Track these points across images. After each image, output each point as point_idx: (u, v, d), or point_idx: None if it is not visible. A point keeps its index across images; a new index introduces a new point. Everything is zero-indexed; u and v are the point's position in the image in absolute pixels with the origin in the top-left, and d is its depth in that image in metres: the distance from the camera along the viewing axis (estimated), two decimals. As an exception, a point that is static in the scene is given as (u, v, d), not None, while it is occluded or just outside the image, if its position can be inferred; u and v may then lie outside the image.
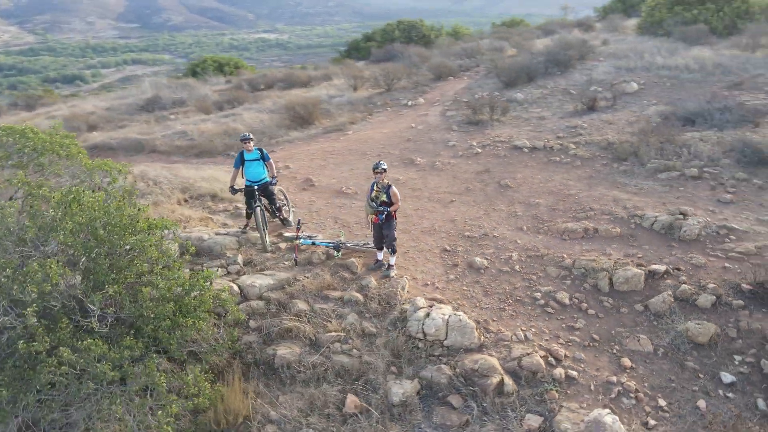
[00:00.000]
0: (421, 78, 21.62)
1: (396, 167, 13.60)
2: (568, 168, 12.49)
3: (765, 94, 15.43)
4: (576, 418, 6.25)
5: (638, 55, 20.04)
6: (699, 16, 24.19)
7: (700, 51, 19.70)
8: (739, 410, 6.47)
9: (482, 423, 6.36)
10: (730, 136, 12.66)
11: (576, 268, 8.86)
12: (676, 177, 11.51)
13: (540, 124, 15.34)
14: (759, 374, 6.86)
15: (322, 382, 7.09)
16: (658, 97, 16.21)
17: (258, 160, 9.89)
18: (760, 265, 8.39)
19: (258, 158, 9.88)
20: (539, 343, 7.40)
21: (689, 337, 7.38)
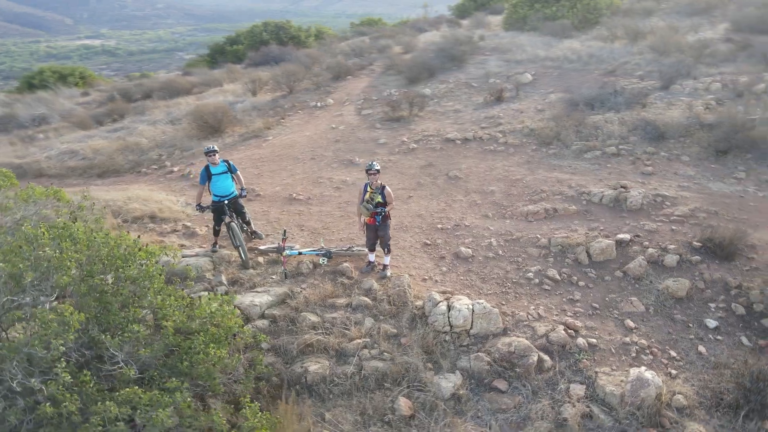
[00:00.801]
0: (322, 79, 21.44)
1: (336, 168, 13.47)
2: (504, 155, 13.32)
3: (637, 78, 17.68)
4: (615, 380, 6.83)
5: (520, 49, 21.82)
6: (558, 13, 26.91)
7: (571, 43, 21.98)
8: (730, 349, 7.53)
9: (534, 401, 6.68)
10: (628, 117, 14.39)
11: (553, 246, 9.56)
12: (599, 156, 12.83)
13: (458, 117, 16.10)
14: (734, 316, 8.01)
15: (362, 390, 6.94)
16: (553, 86, 17.83)
17: (226, 173, 9.27)
18: (699, 224, 9.75)
19: (225, 171, 9.26)
20: (553, 319, 7.92)
21: (670, 293, 8.37)
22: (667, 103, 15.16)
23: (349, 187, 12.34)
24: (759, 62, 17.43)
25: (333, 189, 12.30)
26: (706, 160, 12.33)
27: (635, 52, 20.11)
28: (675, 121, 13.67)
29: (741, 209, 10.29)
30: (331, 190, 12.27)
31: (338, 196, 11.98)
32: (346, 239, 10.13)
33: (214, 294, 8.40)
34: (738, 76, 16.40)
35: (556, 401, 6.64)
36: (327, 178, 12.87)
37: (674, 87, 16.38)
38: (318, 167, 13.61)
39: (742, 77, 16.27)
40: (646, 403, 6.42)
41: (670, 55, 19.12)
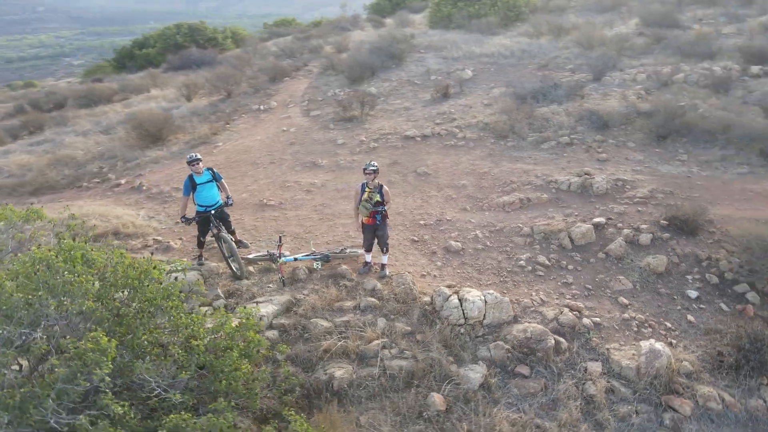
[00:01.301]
0: (259, 81, 20.88)
1: (300, 172, 13.23)
2: (466, 150, 13.67)
3: (569, 71, 18.75)
4: (627, 355, 7.27)
5: (455, 46, 22.41)
6: (480, 11, 27.90)
7: (500, 40, 22.89)
8: (713, 315, 8.24)
9: (558, 382, 6.96)
10: (572, 108, 15.25)
11: (536, 233, 9.97)
12: (555, 146, 13.51)
13: (410, 114, 16.31)
14: (710, 286, 8.76)
15: (391, 391, 6.92)
16: (493, 81, 18.50)
17: (211, 182, 8.86)
18: (660, 204, 10.56)
19: (210, 179, 8.85)
20: (555, 302, 8.28)
21: (651, 269, 9.01)
22: (602, 94, 16.21)
23: (320, 189, 12.16)
24: (673, 54, 19.05)
25: (304, 192, 12.07)
26: (649, 145, 13.32)
27: (561, 47, 21.30)
28: (615, 110, 14.66)
29: (691, 188, 11.24)
30: (301, 193, 12.03)
31: (311, 199, 11.77)
32: (333, 242, 9.99)
33: (214, 308, 8.10)
34: (658, 67, 17.84)
35: (578, 380, 6.97)
36: (294, 182, 12.60)
37: (605, 78, 17.53)
38: (281, 171, 13.29)
39: (662, 68, 17.71)
40: (660, 373, 6.89)
41: (594, 49, 20.42)
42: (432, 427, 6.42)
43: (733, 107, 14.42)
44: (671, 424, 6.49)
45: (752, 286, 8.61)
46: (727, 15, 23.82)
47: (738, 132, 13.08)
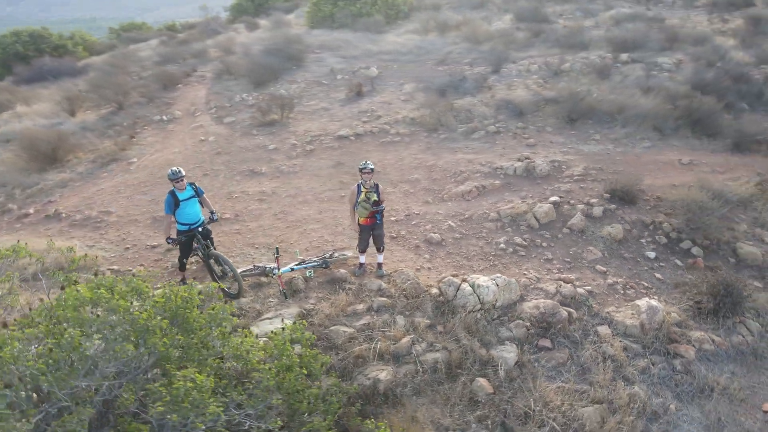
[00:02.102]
0: (151, 90, 19.28)
1: (242, 181, 12.58)
2: (403, 145, 13.94)
3: (467, 65, 19.87)
4: (627, 314, 8.08)
5: (350, 45, 22.58)
6: (362, 9, 28.34)
7: (391, 38, 23.51)
8: (673, 270, 9.42)
9: (580, 349, 7.55)
10: (485, 99, 16.25)
11: (504, 217, 10.57)
12: (484, 135, 14.31)
13: (331, 115, 16.20)
14: (661, 246, 9.97)
15: (435, 384, 7.02)
16: (401, 78, 18.98)
17: (193, 198, 8.18)
18: (596, 180, 11.74)
19: (193, 195, 8.17)
20: (548, 277, 8.89)
21: (612, 238, 10.02)
22: (506, 84, 17.45)
23: (272, 197, 11.69)
24: (553, 46, 21.04)
25: (256, 202, 11.52)
26: (563, 128, 14.66)
27: (451, 43, 22.46)
28: (525, 99, 15.89)
29: (614, 163, 12.62)
30: (254, 203, 11.47)
31: (267, 208, 11.28)
32: (312, 248, 9.72)
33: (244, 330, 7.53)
34: (545, 58, 19.59)
35: (596, 344, 7.59)
36: (240, 192, 11.96)
37: (503, 70, 18.86)
38: (220, 183, 12.52)
39: (548, 59, 19.49)
40: (660, 326, 7.77)
41: (482, 43, 21.84)
42: (490, 410, 6.61)
43: (618, 91, 16.36)
44: (682, 368, 7.37)
45: (694, 241, 9.97)
46: (581, 10, 26.79)
47: (631, 112, 14.90)
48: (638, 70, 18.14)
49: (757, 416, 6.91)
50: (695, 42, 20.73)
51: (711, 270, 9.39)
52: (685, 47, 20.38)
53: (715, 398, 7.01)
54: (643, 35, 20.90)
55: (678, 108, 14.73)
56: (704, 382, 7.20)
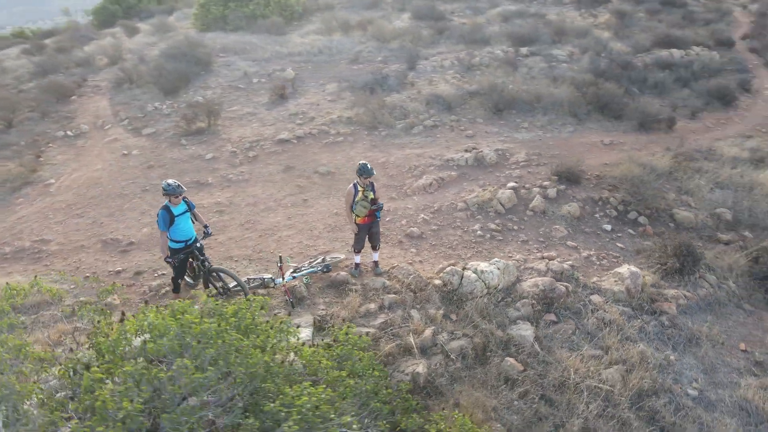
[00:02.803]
0: (43, 104, 17.26)
1: (189, 194, 11.79)
2: (348, 145, 13.90)
3: (380, 63, 20.18)
4: (611, 283, 8.87)
5: (256, 48, 21.89)
6: (256, 11, 27.53)
7: (298, 39, 23.17)
8: (630, 238, 10.45)
9: (582, 318, 8.17)
10: (412, 95, 16.68)
11: (471, 206, 11.02)
12: (423, 129, 14.71)
13: (260, 119, 15.68)
14: (613, 219, 11.00)
15: (466, 369, 7.24)
16: (320, 78, 18.80)
17: (187, 212, 7.62)
18: (540, 164, 12.63)
19: (186, 210, 7.61)
20: (531, 257, 9.46)
21: (571, 215, 10.88)
22: (427, 80, 18.04)
23: (231, 207, 11.14)
24: (458, 42, 22.06)
25: (216, 214, 10.90)
26: (492, 118, 15.52)
27: (359, 42, 22.65)
28: (450, 93, 16.56)
29: (548, 148, 13.63)
30: (213, 215, 10.84)
31: (230, 219, 10.73)
32: (296, 255, 9.45)
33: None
34: (454, 54, 20.50)
35: (594, 312, 8.25)
36: (197, 206, 11.20)
37: (418, 67, 19.43)
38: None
39: (457, 54, 20.42)
40: (643, 289, 8.63)
41: (389, 42, 22.30)
42: (529, 385, 6.95)
43: (529, 82, 17.63)
44: (669, 323, 8.26)
45: (638, 212, 11.12)
46: (470, 8, 28.29)
47: (547, 100, 16.15)
48: (540, 62, 19.63)
49: (738, 355, 7.96)
50: (578, 35, 22.85)
51: (658, 235, 10.56)
52: (571, 40, 22.38)
53: (702, 345, 7.96)
54: (534, 30, 22.62)
55: (587, 95, 16.21)
56: (690, 333, 8.14)
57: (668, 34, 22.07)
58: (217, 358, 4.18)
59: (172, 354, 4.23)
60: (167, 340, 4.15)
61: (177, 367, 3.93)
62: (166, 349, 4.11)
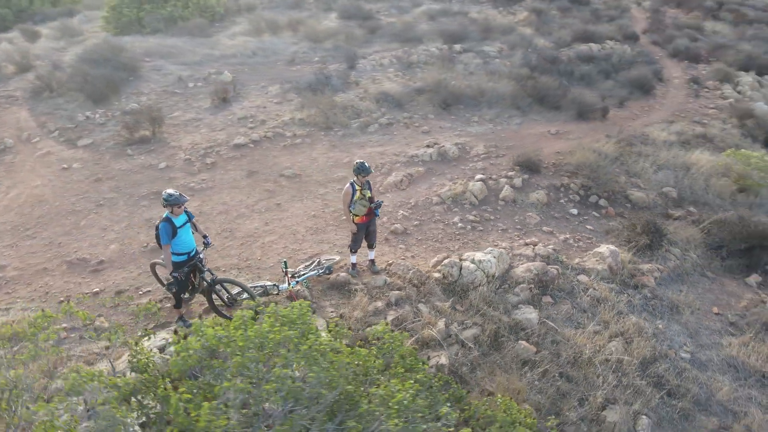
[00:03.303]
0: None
1: (149, 207, 11.12)
2: (307, 146, 13.67)
3: (318, 63, 20.02)
4: (593, 261, 9.42)
5: (184, 51, 20.91)
6: (174, 12, 26.29)
7: (227, 40, 22.41)
8: (596, 220, 11.13)
9: (576, 298, 8.63)
10: (361, 94, 16.72)
11: (446, 199, 11.25)
12: (379, 127, 14.78)
13: (207, 124, 15.04)
14: (577, 203, 11.66)
15: (484, 356, 7.45)
16: (260, 80, 18.30)
17: (187, 223, 7.21)
18: (499, 155, 13.13)
19: (187, 220, 7.20)
20: (515, 244, 9.84)
21: (540, 202, 11.40)
22: (371, 79, 18.14)
23: (201, 217, 10.61)
24: (391, 41, 22.32)
25: (186, 224, 10.35)
26: (442, 114, 15.89)
27: (291, 42, 22.31)
28: (398, 91, 16.76)
29: (502, 140, 14.19)
30: (184, 226, 10.30)
31: (205, 228, 10.11)
32: (290, 259, 9.22)
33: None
34: (390, 53, 20.74)
35: (586, 291, 8.74)
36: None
37: (358, 66, 19.46)
38: (124, 212, 10.91)
39: (394, 53, 20.68)
40: (623, 265, 9.25)
41: (323, 41, 22.14)
42: (547, 364, 7.25)
43: (469, 77, 18.22)
44: (650, 294, 8.92)
45: (598, 195, 11.86)
46: (395, 7, 28.68)
47: (490, 95, 16.79)
48: (474, 59, 20.33)
49: (714, 319, 8.74)
50: (504, 32, 23.89)
51: (620, 216, 11.34)
52: (498, 37, 23.36)
53: (683, 313, 8.66)
54: (463, 28, 23.37)
55: (527, 88, 17.00)
56: (670, 302, 8.83)
57: (586, 29, 23.61)
58: (307, 365, 4.04)
59: (254, 365, 4.04)
60: (252, 353, 3.94)
61: (277, 378, 3.75)
62: (249, 361, 3.91)
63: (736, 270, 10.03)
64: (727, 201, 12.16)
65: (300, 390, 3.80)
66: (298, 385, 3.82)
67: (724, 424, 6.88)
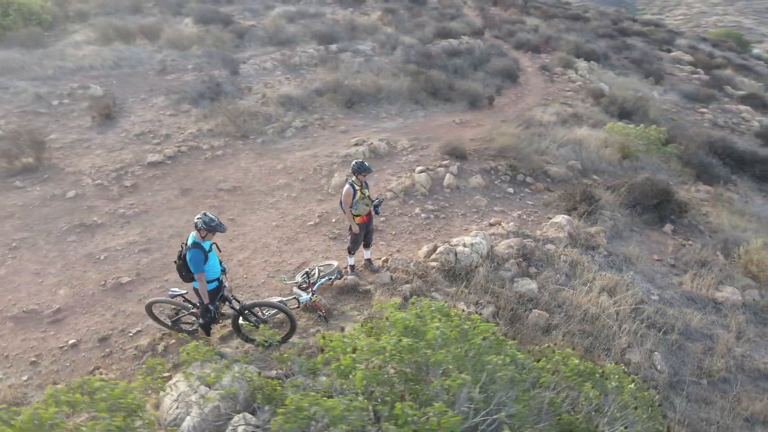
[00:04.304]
0: None
1: (82, 240, 9.66)
2: (231, 157, 12.85)
3: (193, 71, 18.77)
4: (552, 231, 10.43)
5: (27, 65, 18.04)
6: None
7: (74, 51, 19.84)
8: (531, 195, 12.25)
9: (554, 265, 9.53)
10: (260, 99, 16.13)
11: (398, 193, 11.51)
12: (296, 131, 14.44)
13: (99, 144, 13.29)
14: (509, 182, 12.68)
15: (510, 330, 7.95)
16: (137, 92, 16.60)
17: (212, 246, 6.51)
18: (427, 146, 13.73)
19: (212, 243, 6.50)
20: (482, 225, 10.48)
21: (480, 185, 12.22)
22: (264, 83, 17.56)
23: (152, 243, 9.52)
24: (264, 44, 21.71)
25: (138, 254, 9.22)
26: (349, 112, 16.05)
27: (155, 50, 20.53)
28: (298, 93, 16.49)
29: (417, 133, 14.80)
30: (141, 255, 9.19)
31: (164, 255, 9.22)
32: (279, 272, 8.79)
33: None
34: (269, 55, 20.24)
35: (560, 258, 9.67)
36: (101, 251, 9.30)
37: (241, 71, 18.68)
38: (55, 251, 9.30)
39: (273, 56, 20.21)
40: (579, 230, 10.39)
41: (189, 48, 20.77)
42: (565, 326, 7.95)
43: (359, 76, 18.57)
44: (607, 252, 10.16)
45: (524, 174, 13.03)
46: (248, 10, 27.80)
47: (387, 91, 17.35)
48: (355, 57, 20.70)
49: (657, 264, 10.26)
50: (368, 32, 24.61)
51: (548, 189, 12.61)
52: (364, 36, 24.00)
53: (636, 263, 10.03)
54: (330, 28, 23.57)
55: (419, 83, 17.85)
56: (623, 256, 10.16)
57: (444, 26, 25.31)
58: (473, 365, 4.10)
59: (436, 367, 4.01)
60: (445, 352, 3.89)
61: (456, 383, 3.78)
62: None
63: (652, 222, 11.81)
64: (617, 168, 14.18)
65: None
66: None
67: (707, 346, 8.21)
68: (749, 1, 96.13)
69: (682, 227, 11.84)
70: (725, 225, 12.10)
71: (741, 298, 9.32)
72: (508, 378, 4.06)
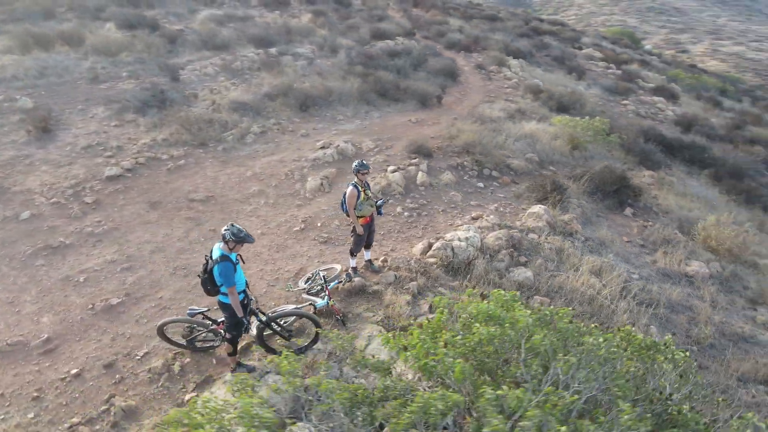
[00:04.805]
0: None
1: (53, 263, 8.89)
2: (195, 167, 12.26)
3: (128, 79, 17.76)
4: (532, 221, 10.86)
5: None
6: None
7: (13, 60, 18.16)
8: (501, 188, 12.67)
9: (542, 252, 9.94)
10: (210, 105, 15.55)
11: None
12: (256, 137, 14.02)
13: (42, 160, 12.22)
14: (477, 176, 13.04)
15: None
16: (72, 103, 15.45)
17: (238, 258, 6.24)
18: (389, 147, 13.83)
19: (238, 254, 6.23)
20: (466, 219, 10.73)
21: (444, 182, 12.47)
22: (209, 90, 16.91)
23: (134, 261, 8.94)
24: (199, 48, 20.90)
25: (126, 272, 8.66)
26: (305, 116, 15.85)
27: (80, 58, 19.18)
28: (249, 98, 16.05)
29: (378, 133, 14.87)
30: (125, 274, 8.60)
31: (151, 272, 8.69)
32: (277, 279, 8.57)
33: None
34: (208, 60, 19.54)
35: (545, 246, 10.10)
36: (79, 273, 8.62)
37: (182, 78, 17.90)
38: (24, 278, 8.48)
39: (212, 60, 19.52)
40: (556, 218, 10.89)
41: (118, 54, 19.61)
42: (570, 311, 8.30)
43: (306, 79, 18.37)
44: (584, 237, 10.72)
45: (489, 168, 13.44)
46: (172, 14, 26.62)
47: (337, 93, 17.29)
48: (296, 60, 20.42)
49: (628, 245, 10.95)
50: (304, 34, 24.35)
51: (514, 182, 13.09)
52: (300, 39, 23.73)
53: (610, 246, 10.65)
54: (265, 32, 23.09)
55: (368, 84, 17.91)
56: (599, 240, 10.76)
57: (378, 27, 25.50)
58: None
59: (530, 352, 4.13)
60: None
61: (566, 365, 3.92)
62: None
63: (613, 207, 12.59)
64: (569, 158, 14.96)
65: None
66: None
67: (689, 317, 8.89)
68: (632, 2, 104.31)
69: (640, 210, 12.72)
70: (673, 206, 13.12)
71: (708, 271, 10.18)
72: (602, 358, 4.23)
